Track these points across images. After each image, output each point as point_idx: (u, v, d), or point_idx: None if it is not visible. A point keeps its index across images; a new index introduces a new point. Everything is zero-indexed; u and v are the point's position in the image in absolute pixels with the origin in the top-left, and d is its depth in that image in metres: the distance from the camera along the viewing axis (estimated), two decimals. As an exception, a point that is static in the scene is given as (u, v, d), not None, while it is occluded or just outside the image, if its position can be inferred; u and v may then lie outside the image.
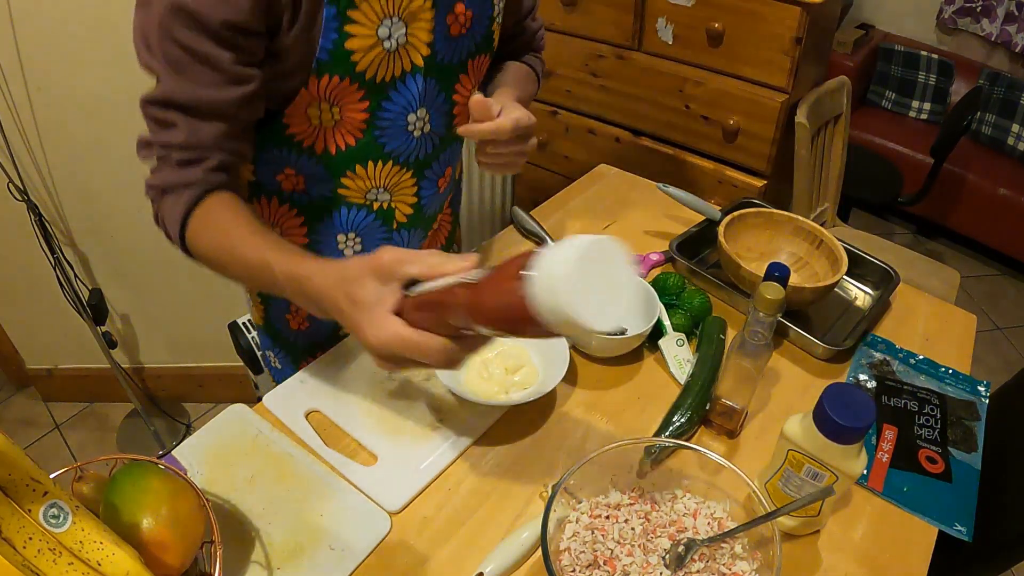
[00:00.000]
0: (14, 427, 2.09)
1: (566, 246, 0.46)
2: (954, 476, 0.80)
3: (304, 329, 0.97)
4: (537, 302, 0.46)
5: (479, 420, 0.84)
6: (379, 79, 0.73)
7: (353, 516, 0.74)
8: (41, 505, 0.53)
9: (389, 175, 0.83)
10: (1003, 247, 2.83)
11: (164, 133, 0.67)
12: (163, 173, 0.68)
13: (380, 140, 0.79)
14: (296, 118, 0.74)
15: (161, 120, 0.66)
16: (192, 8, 0.60)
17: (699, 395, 0.84)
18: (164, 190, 0.69)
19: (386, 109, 0.76)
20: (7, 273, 1.85)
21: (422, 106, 0.79)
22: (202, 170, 0.67)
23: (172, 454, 0.80)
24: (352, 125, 0.76)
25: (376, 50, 0.71)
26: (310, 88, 0.70)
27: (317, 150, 0.77)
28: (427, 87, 0.78)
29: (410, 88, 0.76)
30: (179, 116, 0.65)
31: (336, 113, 0.74)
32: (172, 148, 0.67)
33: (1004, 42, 2.92)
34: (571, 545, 0.65)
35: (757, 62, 1.60)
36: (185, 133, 0.66)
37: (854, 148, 2.18)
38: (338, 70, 0.70)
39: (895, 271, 1.05)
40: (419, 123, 0.81)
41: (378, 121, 0.77)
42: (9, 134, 1.55)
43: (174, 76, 0.64)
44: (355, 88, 0.72)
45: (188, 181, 0.67)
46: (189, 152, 0.67)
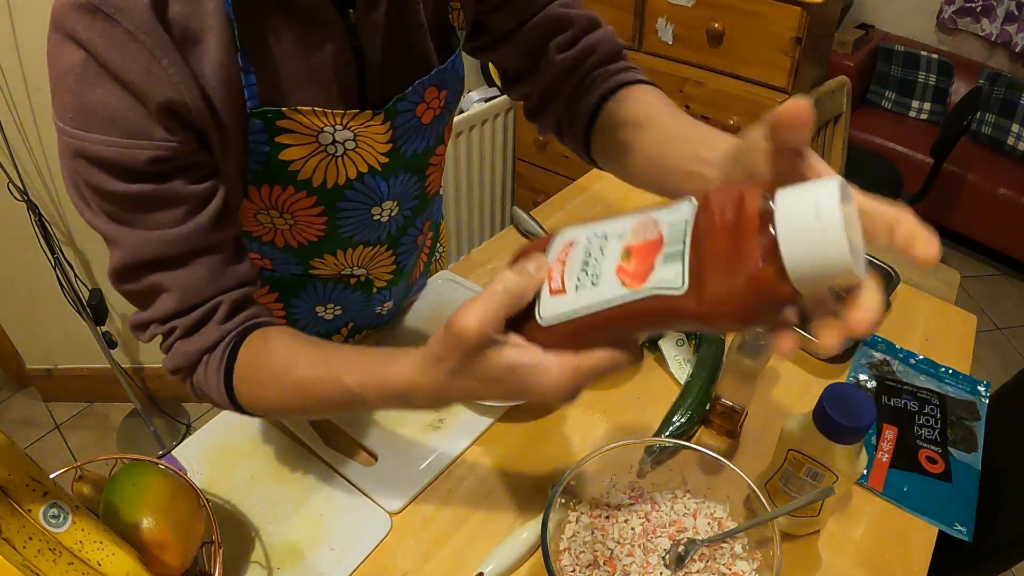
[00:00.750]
0: (14, 427, 2.09)
1: (811, 193, 0.33)
2: (954, 476, 0.80)
3: None
4: (797, 261, 0.33)
5: (479, 420, 0.84)
6: (330, 184, 0.63)
7: (353, 516, 0.74)
8: (41, 505, 0.53)
9: (362, 256, 0.77)
10: (1003, 247, 2.83)
11: (152, 305, 0.57)
12: (176, 353, 0.59)
13: (345, 233, 0.71)
14: (248, 223, 0.66)
15: (141, 292, 0.57)
16: (108, 157, 0.50)
17: (699, 395, 0.84)
18: (191, 368, 0.60)
19: (344, 210, 0.68)
20: (7, 273, 1.85)
21: (388, 199, 0.71)
22: (216, 324, 0.58)
23: (172, 454, 0.80)
24: (310, 225, 0.68)
25: (319, 157, 0.61)
26: (252, 198, 0.62)
27: (279, 244, 0.70)
28: (394, 182, 0.69)
29: (370, 187, 0.67)
30: (160, 276, 0.55)
31: (289, 219, 0.66)
32: (171, 319, 0.57)
33: (1004, 42, 2.92)
34: (571, 545, 0.65)
35: (757, 62, 1.60)
36: (176, 295, 0.56)
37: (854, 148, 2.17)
38: (278, 181, 0.61)
39: (895, 271, 1.05)
40: (386, 212, 0.72)
41: (339, 220, 0.69)
42: (9, 134, 1.55)
43: (128, 232, 0.54)
44: (303, 195, 0.63)
45: (209, 344, 0.58)
46: (192, 315, 0.57)
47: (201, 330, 0.58)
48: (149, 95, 0.50)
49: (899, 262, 1.12)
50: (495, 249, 1.14)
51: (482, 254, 1.13)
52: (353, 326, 0.92)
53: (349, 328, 0.91)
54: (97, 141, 0.50)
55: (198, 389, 0.61)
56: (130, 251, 0.54)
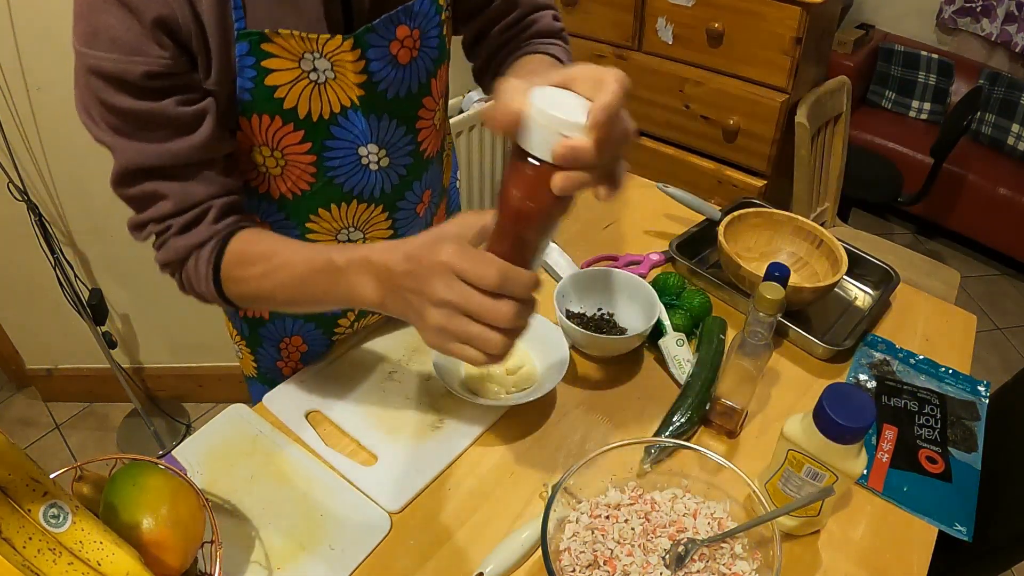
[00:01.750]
0: (14, 427, 2.09)
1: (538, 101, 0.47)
2: (954, 476, 0.80)
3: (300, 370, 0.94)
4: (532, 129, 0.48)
5: (479, 420, 0.84)
6: (315, 116, 0.67)
7: (353, 516, 0.74)
8: (41, 505, 0.53)
9: (356, 214, 0.78)
10: (1003, 247, 2.83)
11: (150, 208, 0.64)
12: (169, 247, 0.66)
13: (336, 181, 0.73)
14: (245, 163, 0.70)
15: (140, 196, 0.64)
16: (111, 71, 0.58)
17: (699, 395, 0.84)
18: (181, 262, 0.66)
19: (331, 148, 0.70)
20: (7, 273, 1.85)
21: (372, 142, 0.73)
22: (207, 225, 0.65)
23: (172, 454, 0.80)
24: (300, 169, 0.70)
25: (303, 83, 0.65)
26: (245, 131, 0.66)
27: (273, 196, 0.73)
28: (376, 124, 0.72)
29: (354, 124, 0.70)
30: (156, 183, 0.63)
31: (280, 158, 0.69)
32: (166, 219, 0.64)
33: (1004, 42, 2.92)
34: (571, 545, 0.65)
35: (757, 62, 1.60)
36: (172, 200, 0.63)
37: (854, 148, 2.18)
38: (266, 109, 0.65)
39: (895, 271, 1.05)
40: (373, 157, 0.74)
41: (327, 162, 0.71)
42: (9, 134, 1.55)
43: (128, 143, 0.61)
44: (291, 128, 0.67)
45: (199, 241, 0.65)
46: (185, 215, 0.64)
47: (194, 229, 0.65)
48: (144, 13, 0.56)
49: (899, 262, 1.12)
50: (495, 249, 1.14)
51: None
52: (359, 311, 0.91)
53: (355, 312, 0.91)
54: (102, 58, 0.58)
55: (186, 282, 0.68)
56: (129, 160, 0.62)
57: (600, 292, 0.99)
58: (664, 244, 1.12)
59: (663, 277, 1.00)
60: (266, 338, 0.91)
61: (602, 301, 0.99)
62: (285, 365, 0.94)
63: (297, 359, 0.93)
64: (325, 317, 0.89)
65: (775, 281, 0.78)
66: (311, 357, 0.93)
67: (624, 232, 1.18)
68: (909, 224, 3.13)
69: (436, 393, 0.87)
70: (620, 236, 1.17)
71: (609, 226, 1.20)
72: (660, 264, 1.10)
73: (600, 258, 1.11)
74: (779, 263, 0.85)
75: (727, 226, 1.03)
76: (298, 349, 0.92)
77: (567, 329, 0.90)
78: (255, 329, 0.91)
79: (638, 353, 0.94)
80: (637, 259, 1.10)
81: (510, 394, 0.86)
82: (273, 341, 0.91)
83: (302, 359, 0.93)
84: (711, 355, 0.88)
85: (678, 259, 1.07)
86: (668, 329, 0.94)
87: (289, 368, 0.94)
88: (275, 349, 0.92)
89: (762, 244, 1.08)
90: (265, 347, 0.92)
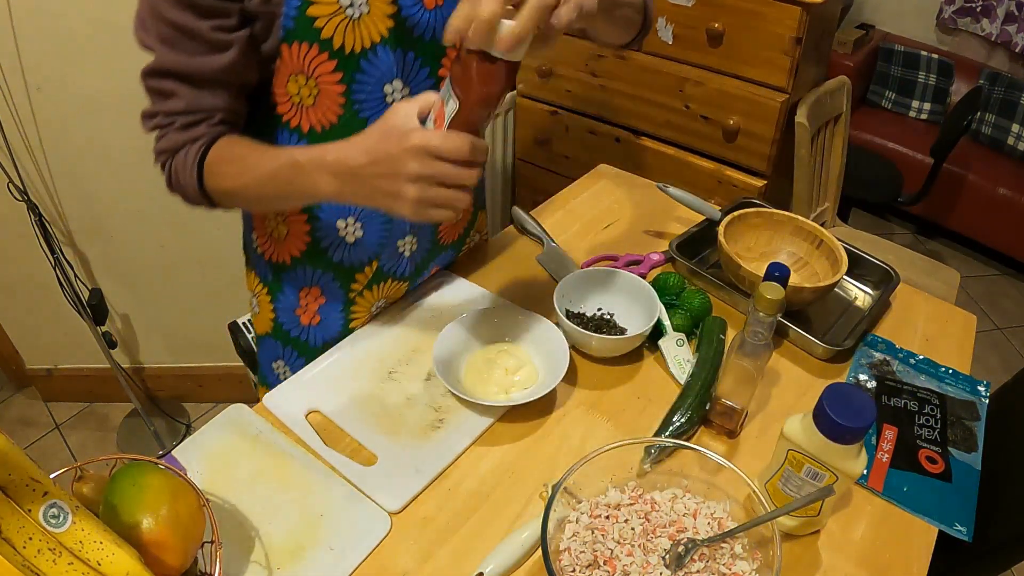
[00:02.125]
0: (14, 427, 2.09)
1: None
2: (954, 476, 0.80)
3: (315, 324, 0.97)
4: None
5: (479, 420, 0.84)
6: (348, 49, 0.74)
7: (353, 516, 0.74)
8: (41, 505, 0.53)
9: None
10: (1003, 247, 2.83)
11: (165, 103, 0.74)
12: (169, 137, 0.75)
13: (362, 115, 0.78)
14: (280, 93, 0.77)
15: (161, 90, 0.73)
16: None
17: (699, 395, 0.84)
18: (174, 151, 0.75)
19: (360, 81, 0.76)
20: (7, 273, 1.85)
21: (398, 78, 0.78)
22: (206, 126, 0.75)
23: (172, 454, 0.80)
24: (331, 100, 0.77)
25: (339, 17, 0.72)
26: (284, 58, 0.73)
27: (304, 129, 0.79)
28: (402, 60, 0.78)
29: (382, 59, 0.76)
30: (177, 85, 0.72)
31: (313, 86, 0.75)
32: (175, 115, 0.74)
33: (1004, 42, 2.92)
34: (571, 545, 0.65)
35: (757, 62, 1.60)
36: (185, 101, 0.73)
37: (854, 148, 2.18)
38: (306, 37, 0.72)
39: (895, 271, 1.05)
40: (397, 95, 0.79)
41: (355, 95, 0.77)
42: (9, 134, 1.55)
43: (166, 50, 0.71)
44: (326, 58, 0.74)
45: (195, 137, 0.75)
46: (191, 116, 0.74)
47: (193, 128, 0.74)
48: None
49: (899, 262, 1.12)
50: (495, 249, 1.14)
51: (482, 254, 1.13)
52: (377, 268, 0.93)
53: (373, 269, 0.93)
54: None
55: (173, 174, 0.77)
56: (163, 62, 0.71)
57: (600, 292, 0.99)
58: (664, 244, 1.12)
59: (663, 277, 1.00)
60: (287, 284, 0.94)
61: (602, 301, 0.99)
62: (303, 314, 0.96)
63: (315, 311, 0.95)
64: (343, 268, 0.91)
65: (775, 281, 0.78)
66: (328, 312, 0.95)
67: (624, 232, 1.18)
68: (909, 224, 3.13)
69: (436, 393, 0.87)
70: (620, 236, 1.17)
71: (609, 226, 1.20)
72: (660, 264, 1.10)
73: (600, 258, 1.11)
74: (779, 263, 0.85)
75: (727, 226, 1.03)
76: (316, 300, 0.94)
77: (567, 329, 0.90)
78: (278, 274, 0.94)
79: (638, 353, 0.94)
80: (637, 259, 1.10)
81: (510, 394, 0.86)
82: (294, 287, 0.94)
83: (319, 311, 0.95)
84: (711, 355, 0.88)
85: (678, 259, 1.07)
86: (668, 329, 0.94)
87: (307, 318, 0.96)
88: (295, 296, 0.95)
89: (762, 244, 1.08)
90: (286, 293, 0.95)
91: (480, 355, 0.91)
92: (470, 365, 0.90)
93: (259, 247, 0.94)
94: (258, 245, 0.94)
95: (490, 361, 0.89)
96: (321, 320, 0.96)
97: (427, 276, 1.04)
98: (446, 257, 1.05)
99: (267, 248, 0.93)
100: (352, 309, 0.96)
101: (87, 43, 1.47)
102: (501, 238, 1.16)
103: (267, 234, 0.92)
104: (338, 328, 0.97)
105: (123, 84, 1.48)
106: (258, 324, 1.01)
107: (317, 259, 0.90)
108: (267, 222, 0.91)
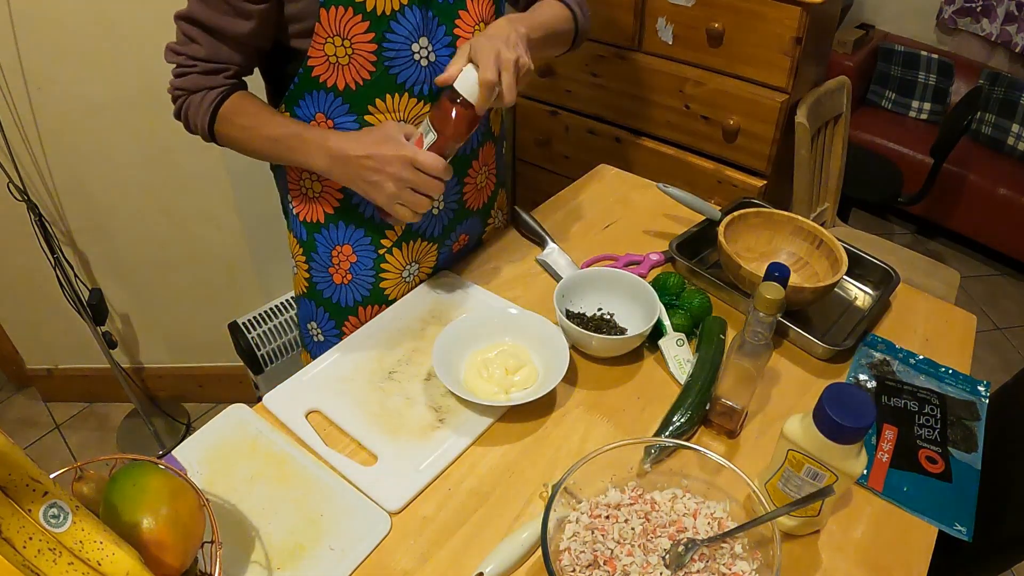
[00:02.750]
0: (14, 427, 2.09)
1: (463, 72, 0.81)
2: (954, 476, 0.80)
3: (347, 283, 1.02)
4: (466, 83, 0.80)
5: (479, 420, 0.84)
6: (379, 11, 0.82)
7: (353, 516, 0.74)
8: (41, 505, 0.53)
9: (407, 109, 0.90)
10: (1003, 247, 2.83)
11: (189, 46, 0.84)
12: (190, 78, 0.86)
13: (392, 71, 0.86)
14: (317, 57, 0.84)
15: (187, 34, 0.84)
16: None
17: (699, 395, 0.84)
18: (192, 91, 0.87)
19: (390, 40, 0.84)
20: (7, 273, 1.85)
21: (423, 35, 0.86)
22: (223, 77, 0.87)
23: (172, 454, 0.80)
24: (363, 58, 0.84)
25: None
26: (322, 22, 0.81)
27: (340, 87, 0.86)
28: (425, 17, 0.86)
29: (409, 19, 0.84)
30: (201, 34, 0.83)
31: (348, 47, 0.83)
32: (197, 60, 0.85)
33: (1004, 42, 2.92)
34: (571, 545, 0.65)
35: (757, 62, 1.60)
36: (206, 49, 0.84)
37: (854, 148, 2.18)
38: (342, 2, 0.80)
39: (895, 271, 1.05)
40: (423, 51, 0.87)
41: (385, 52, 0.84)
42: (9, 134, 1.55)
43: (200, 3, 0.81)
44: (359, 19, 0.81)
45: (213, 84, 0.86)
46: (210, 64, 0.85)
47: (214, 76, 0.86)
48: None
49: (899, 262, 1.12)
50: (495, 249, 1.14)
51: (482, 254, 1.13)
52: (406, 225, 0.98)
53: (402, 226, 0.98)
54: None
55: (186, 109, 0.88)
56: (195, 11, 0.82)
57: (600, 292, 0.99)
58: (664, 244, 1.12)
59: (663, 277, 1.00)
60: (321, 243, 1.01)
61: (602, 301, 0.99)
62: (336, 272, 1.02)
63: (346, 269, 1.01)
64: (374, 224, 0.98)
65: (775, 281, 0.78)
66: (359, 270, 1.01)
67: (624, 232, 1.18)
68: (909, 224, 3.13)
69: (436, 393, 0.87)
70: (620, 236, 1.17)
71: (609, 226, 1.20)
72: (660, 264, 1.10)
73: (600, 258, 1.11)
74: (779, 263, 0.85)
75: (727, 226, 1.03)
76: (348, 258, 1.01)
77: (567, 329, 0.90)
78: (312, 233, 1.00)
79: (638, 353, 0.94)
80: (637, 259, 1.10)
81: (510, 394, 0.86)
82: (327, 246, 1.00)
83: (351, 269, 1.01)
84: (711, 355, 0.88)
85: (678, 259, 1.07)
86: (668, 329, 0.94)
87: (339, 276, 1.02)
88: (328, 255, 1.01)
89: (762, 244, 1.08)
90: (319, 252, 1.02)
91: (480, 355, 0.91)
92: (470, 365, 0.90)
93: (295, 208, 1.00)
94: (294, 206, 1.00)
95: (490, 361, 0.89)
96: (353, 278, 1.02)
97: (455, 244, 1.08)
98: (473, 224, 1.09)
99: (302, 208, 0.99)
100: (382, 267, 1.00)
101: (87, 43, 1.46)
102: (501, 238, 1.17)
103: (302, 194, 0.98)
104: (368, 287, 1.02)
105: (123, 84, 1.48)
106: (296, 285, 1.08)
107: (349, 215, 0.97)
108: (302, 181, 0.97)
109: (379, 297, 1.03)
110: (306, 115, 0.89)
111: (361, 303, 1.03)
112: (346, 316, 1.05)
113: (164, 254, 1.81)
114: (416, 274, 1.04)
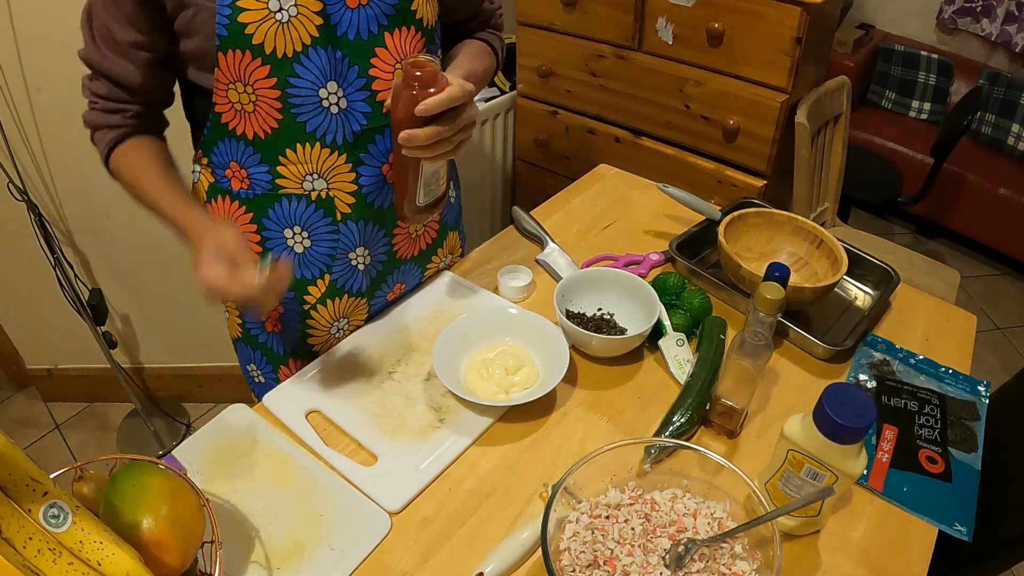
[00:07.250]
0: (14, 427, 2.09)
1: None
2: (954, 476, 0.80)
3: (277, 332, 0.97)
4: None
5: (479, 420, 0.84)
6: (280, 53, 0.76)
7: (353, 516, 0.74)
8: (41, 505, 0.53)
9: (320, 159, 0.83)
10: (1003, 247, 2.83)
11: (92, 82, 0.84)
12: (93, 113, 0.85)
13: (300, 119, 0.80)
14: (222, 104, 0.80)
15: (88, 72, 0.84)
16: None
17: (699, 395, 0.84)
18: (95, 127, 0.86)
19: (294, 85, 0.78)
20: (7, 273, 1.85)
21: (331, 79, 0.80)
22: (122, 116, 0.85)
23: (172, 454, 0.80)
24: (269, 105, 0.79)
25: (269, 22, 0.74)
26: (222, 67, 0.76)
27: (248, 135, 0.82)
28: (332, 59, 0.79)
29: (314, 62, 0.78)
30: (97, 74, 0.83)
31: (251, 93, 0.78)
32: (98, 97, 0.84)
33: (1004, 42, 2.92)
34: (571, 545, 0.65)
35: (757, 62, 1.60)
36: (104, 88, 0.83)
37: (854, 148, 2.18)
38: (239, 44, 0.74)
39: (895, 271, 1.05)
40: (333, 97, 0.81)
41: (291, 99, 0.79)
42: (9, 134, 1.55)
43: (92, 46, 0.81)
44: (259, 63, 0.76)
45: (111, 124, 0.85)
46: (110, 103, 0.84)
47: (112, 114, 0.85)
48: None
49: (899, 262, 1.12)
50: (495, 249, 1.14)
51: (482, 254, 1.13)
52: (330, 281, 0.92)
53: (326, 283, 0.92)
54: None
55: (94, 142, 0.88)
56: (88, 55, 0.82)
57: (600, 292, 0.99)
58: (664, 244, 1.12)
59: (663, 277, 1.00)
60: None
61: (602, 301, 0.99)
62: (267, 320, 0.97)
63: (276, 319, 0.97)
64: (296, 280, 0.92)
65: (775, 281, 0.78)
66: (286, 322, 0.96)
67: (624, 232, 1.18)
68: (909, 224, 3.13)
69: (436, 393, 0.87)
70: (620, 236, 1.17)
71: (609, 226, 1.20)
72: (660, 264, 1.10)
73: (600, 258, 1.11)
74: (779, 263, 0.85)
75: (727, 226, 1.03)
76: (275, 308, 0.95)
77: (567, 329, 0.90)
78: None
79: (638, 353, 0.94)
80: (637, 259, 1.10)
81: (510, 394, 0.86)
82: None
83: (280, 319, 0.96)
84: (711, 355, 0.88)
85: (678, 259, 1.07)
86: (668, 329, 0.94)
87: (270, 324, 0.98)
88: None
89: (762, 244, 1.08)
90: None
91: (480, 355, 0.91)
92: (470, 365, 0.90)
93: None
94: None
95: (490, 361, 0.89)
96: (282, 329, 0.97)
97: (388, 293, 1.01)
98: (408, 272, 1.02)
99: None
100: (308, 323, 0.95)
101: (87, 43, 1.47)
102: (501, 238, 1.16)
103: None
104: (296, 341, 0.97)
105: (123, 84, 1.48)
106: (231, 327, 1.03)
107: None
108: None
109: (307, 353, 0.98)
110: (221, 162, 0.85)
111: (291, 355, 0.99)
112: (279, 363, 1.00)
113: (164, 254, 1.81)
114: (346, 328, 0.98)
